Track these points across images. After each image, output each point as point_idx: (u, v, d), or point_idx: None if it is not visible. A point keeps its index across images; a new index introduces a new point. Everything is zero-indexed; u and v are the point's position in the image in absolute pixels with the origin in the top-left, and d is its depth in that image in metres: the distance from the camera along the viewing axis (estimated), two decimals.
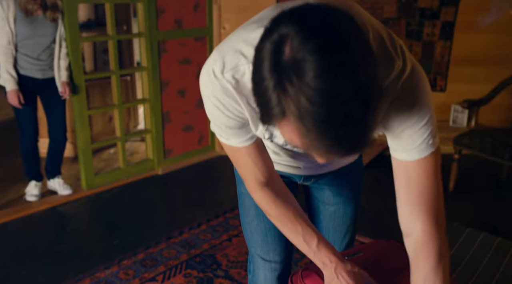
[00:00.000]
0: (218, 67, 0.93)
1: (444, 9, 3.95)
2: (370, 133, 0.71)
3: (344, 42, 0.68)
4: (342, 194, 1.46)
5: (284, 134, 0.77)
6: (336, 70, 0.66)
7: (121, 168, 3.60)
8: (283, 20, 0.71)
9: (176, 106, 3.81)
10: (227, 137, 1.05)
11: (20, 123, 3.11)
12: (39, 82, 3.02)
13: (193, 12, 3.72)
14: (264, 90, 0.71)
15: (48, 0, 2.92)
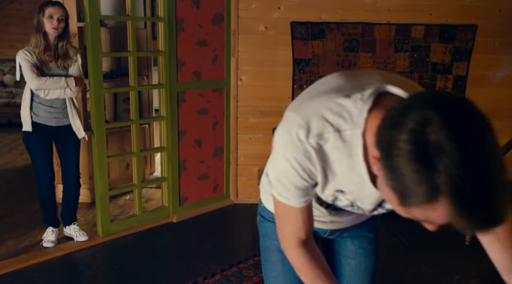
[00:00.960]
0: (303, 132, 0.99)
1: (456, 64, 4.05)
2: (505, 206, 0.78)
3: (483, 123, 0.77)
4: (364, 247, 1.49)
5: (415, 213, 0.81)
6: (486, 151, 0.73)
7: (137, 215, 3.64)
8: (413, 106, 0.77)
9: (192, 154, 3.89)
10: (289, 196, 1.09)
11: (36, 169, 3.19)
12: (53, 129, 3.12)
13: (211, 64, 3.86)
14: (408, 177, 0.75)
15: (60, 50, 3.07)
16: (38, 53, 2.99)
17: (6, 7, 7.86)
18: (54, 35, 3.00)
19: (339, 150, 1.00)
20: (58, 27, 2.98)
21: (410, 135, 0.75)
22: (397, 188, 0.80)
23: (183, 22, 3.59)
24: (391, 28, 3.98)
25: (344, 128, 0.98)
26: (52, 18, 2.96)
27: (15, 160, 5.44)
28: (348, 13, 3.95)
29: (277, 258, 1.40)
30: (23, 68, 2.98)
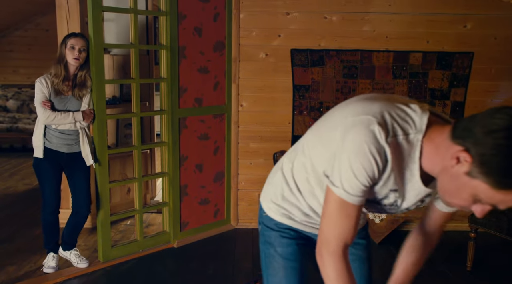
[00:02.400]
0: (383, 132, 1.14)
1: (453, 90, 4.11)
2: None
3: None
4: (358, 254, 1.61)
5: (494, 197, 1.04)
6: None
7: (137, 241, 3.64)
8: (496, 111, 1.05)
9: (193, 180, 3.91)
10: (355, 193, 1.19)
11: (43, 194, 3.21)
12: (65, 155, 3.16)
13: (212, 90, 3.92)
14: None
15: (78, 79, 3.14)
16: (57, 83, 3.06)
17: (10, 34, 8.01)
18: (75, 65, 3.09)
19: (404, 150, 1.17)
20: (79, 58, 3.07)
21: (507, 132, 1.00)
22: (493, 175, 1.01)
23: (185, 50, 3.66)
24: (389, 55, 4.06)
25: (410, 132, 1.17)
26: (73, 49, 3.05)
27: (16, 185, 5.46)
28: (347, 40, 4.03)
29: (280, 264, 1.51)
30: (35, 99, 3.06)
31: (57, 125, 3.10)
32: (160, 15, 3.53)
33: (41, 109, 3.03)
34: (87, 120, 3.16)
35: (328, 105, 4.11)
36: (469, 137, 1.05)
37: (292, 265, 1.53)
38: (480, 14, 4.01)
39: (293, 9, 4.01)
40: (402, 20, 4.02)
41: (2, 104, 7.67)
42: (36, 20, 7.99)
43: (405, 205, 1.32)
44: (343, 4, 3.99)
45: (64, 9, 3.89)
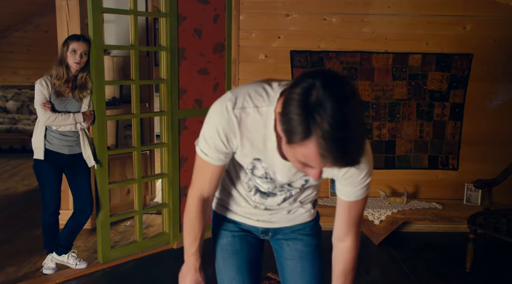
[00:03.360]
0: (230, 104, 1.29)
1: (453, 91, 4.12)
2: (362, 154, 1.09)
3: (352, 92, 1.04)
4: (298, 249, 1.64)
5: (297, 153, 1.09)
6: (349, 109, 1.01)
7: (137, 242, 3.64)
8: (308, 76, 1.07)
9: None
10: (208, 153, 1.39)
11: (43, 196, 3.21)
12: (66, 157, 3.17)
13: (212, 92, 3.92)
14: (294, 119, 1.03)
15: (79, 81, 3.15)
16: (58, 84, 3.06)
17: (10, 35, 8.02)
18: (76, 68, 3.09)
19: (256, 122, 1.29)
20: (80, 62, 3.07)
21: (301, 90, 1.04)
22: (285, 129, 1.07)
23: (185, 51, 3.67)
24: (389, 57, 4.07)
25: (261, 105, 1.28)
26: (75, 53, 3.05)
27: (16, 186, 5.46)
28: (347, 42, 4.04)
29: (218, 254, 1.68)
30: (35, 100, 3.06)
31: (57, 127, 3.10)
32: (160, 17, 3.54)
33: (41, 110, 3.03)
34: (87, 121, 3.16)
35: None
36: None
37: (227, 254, 1.64)
38: (479, 16, 4.03)
39: (292, 11, 4.02)
40: (401, 22, 4.03)
41: (1, 105, 7.68)
42: (36, 21, 8.00)
43: (279, 178, 1.42)
44: (343, 6, 4.00)
45: (64, 10, 3.90)
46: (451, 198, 4.18)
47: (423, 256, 3.70)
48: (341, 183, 1.40)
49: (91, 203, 3.29)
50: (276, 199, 1.54)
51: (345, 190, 1.41)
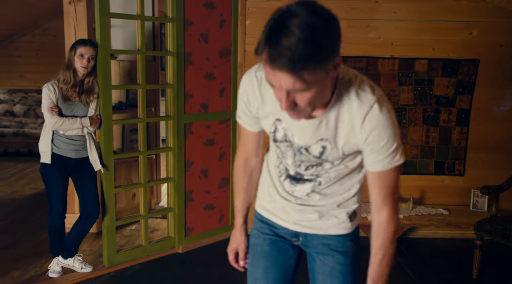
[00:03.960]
0: (254, 68, 1.46)
1: (459, 97, 4.11)
2: (308, 63, 1.11)
3: (311, 11, 1.12)
4: (328, 265, 1.59)
5: (266, 73, 1.18)
6: (295, 18, 1.10)
7: (142, 246, 3.65)
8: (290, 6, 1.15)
9: (198, 185, 3.92)
10: (239, 115, 1.55)
11: (50, 200, 3.23)
12: (73, 161, 3.18)
13: (218, 96, 3.93)
14: (261, 37, 1.14)
15: (85, 85, 3.17)
16: (65, 89, 3.08)
17: (18, 39, 8.08)
18: (83, 73, 3.11)
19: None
20: (88, 66, 3.09)
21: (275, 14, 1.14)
22: (259, 46, 1.16)
23: (191, 56, 3.68)
24: (395, 62, 4.06)
25: None
26: (82, 57, 3.07)
27: (22, 189, 5.49)
28: (353, 47, 4.04)
29: (250, 253, 1.71)
30: (43, 105, 3.08)
31: (64, 131, 3.12)
32: (167, 22, 3.56)
33: (48, 114, 3.05)
34: (94, 125, 3.18)
35: None
36: None
37: (256, 255, 1.66)
38: (485, 22, 4.02)
39: None
40: (407, 27, 4.03)
41: (9, 108, 7.73)
42: (44, 26, 8.06)
43: (297, 140, 1.43)
44: (348, 11, 4.01)
45: (71, 15, 3.93)
46: (457, 204, 4.16)
47: (429, 262, 3.68)
48: (365, 153, 1.38)
49: (98, 207, 3.30)
50: (305, 188, 1.52)
51: (371, 160, 1.37)
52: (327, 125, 1.36)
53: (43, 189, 5.41)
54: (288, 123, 1.41)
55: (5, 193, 5.34)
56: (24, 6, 6.92)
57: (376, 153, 1.34)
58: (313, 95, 1.22)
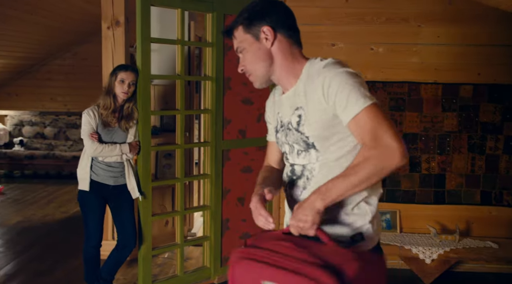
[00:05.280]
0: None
1: (506, 123, 3.93)
2: (239, 21, 1.58)
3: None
4: None
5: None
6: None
7: (178, 276, 3.53)
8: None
9: (235, 213, 3.80)
10: (268, 129, 1.82)
11: (87, 227, 3.15)
12: (111, 188, 3.12)
13: (256, 122, 3.84)
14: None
15: (125, 111, 3.12)
16: (106, 114, 3.03)
17: (50, 63, 8.20)
18: (123, 98, 3.06)
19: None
20: (128, 92, 3.05)
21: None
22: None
23: (230, 81, 3.62)
24: (438, 87, 3.93)
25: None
26: (123, 83, 3.03)
27: (53, 213, 5.45)
28: (394, 72, 3.93)
29: None
30: (83, 131, 3.04)
31: (103, 158, 3.06)
32: (207, 46, 3.51)
33: (88, 141, 3.00)
34: (133, 152, 3.11)
35: None
36: None
37: None
38: None
39: (338, 40, 3.94)
40: (451, 52, 3.90)
41: (40, 131, 7.80)
42: (74, 49, 8.17)
43: (283, 118, 1.63)
44: (390, 35, 3.90)
45: (110, 40, 3.92)
46: (507, 237, 3.94)
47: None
48: (338, 112, 1.43)
49: (135, 236, 3.21)
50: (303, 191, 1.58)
51: (344, 113, 1.41)
52: (299, 95, 1.54)
53: (74, 213, 5.38)
54: (279, 107, 1.66)
55: (37, 216, 5.31)
56: (58, 31, 7.04)
57: (343, 105, 1.40)
58: (248, 58, 1.57)
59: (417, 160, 3.99)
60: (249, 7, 1.57)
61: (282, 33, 1.55)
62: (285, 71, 1.57)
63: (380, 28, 3.90)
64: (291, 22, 1.59)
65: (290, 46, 1.57)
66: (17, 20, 5.94)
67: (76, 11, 6.44)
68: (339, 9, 3.91)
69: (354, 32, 3.92)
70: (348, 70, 1.46)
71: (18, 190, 6.51)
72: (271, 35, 1.53)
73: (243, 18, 1.55)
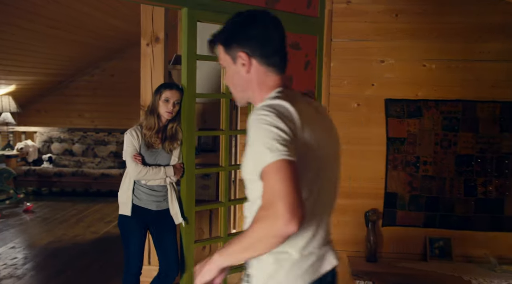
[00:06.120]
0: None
1: None
2: (217, 39, 1.51)
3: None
4: None
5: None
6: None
7: None
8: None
9: None
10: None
11: (127, 254, 2.97)
12: (153, 213, 2.94)
13: None
14: None
15: (169, 131, 2.95)
16: (149, 135, 2.88)
17: (78, 79, 8.17)
18: (167, 118, 2.90)
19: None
20: (173, 111, 2.89)
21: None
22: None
23: None
24: (496, 106, 3.69)
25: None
26: (168, 102, 2.88)
27: (84, 233, 5.30)
28: (448, 90, 3.71)
29: None
30: (125, 152, 2.88)
31: (146, 181, 2.89)
32: None
33: (132, 163, 2.84)
34: (177, 175, 2.94)
35: (426, 160, 3.75)
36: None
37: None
38: None
39: (388, 57, 3.75)
40: (509, 69, 3.67)
41: (68, 147, 7.72)
42: (103, 66, 8.13)
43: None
44: (444, 52, 3.69)
45: (149, 57, 3.79)
46: None
47: None
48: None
49: (178, 264, 3.03)
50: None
51: (255, 163, 1.28)
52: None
53: (103, 234, 5.23)
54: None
55: (67, 236, 5.17)
56: (90, 47, 7.00)
57: (255, 156, 1.28)
58: (228, 78, 1.51)
59: (472, 184, 3.74)
60: (229, 25, 1.48)
61: (258, 60, 1.44)
62: (258, 100, 1.48)
63: (432, 44, 3.70)
64: (271, 48, 1.44)
65: (265, 74, 1.46)
66: (53, 37, 5.90)
67: (111, 29, 6.39)
68: (388, 24, 3.72)
69: (405, 48, 3.72)
70: (269, 118, 1.28)
71: (47, 208, 6.40)
72: (247, 62, 1.44)
73: (221, 38, 1.48)
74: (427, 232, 3.78)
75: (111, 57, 7.96)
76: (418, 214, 3.79)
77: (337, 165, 1.54)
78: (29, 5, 4.76)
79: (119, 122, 7.78)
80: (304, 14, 3.54)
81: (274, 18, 1.47)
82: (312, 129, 1.35)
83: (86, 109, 8.23)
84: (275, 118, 1.28)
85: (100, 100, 8.14)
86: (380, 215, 3.82)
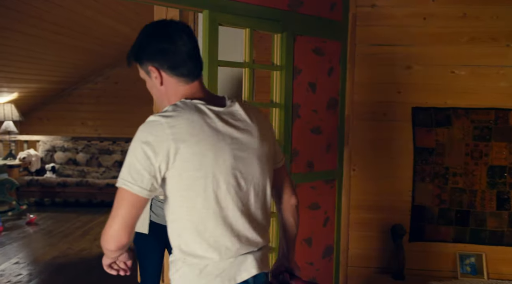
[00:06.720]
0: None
1: None
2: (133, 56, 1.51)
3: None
4: None
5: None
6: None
7: None
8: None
9: (301, 256, 3.36)
10: None
11: (144, 274, 2.77)
12: None
13: (325, 153, 3.46)
14: None
15: None
16: None
17: (82, 87, 7.98)
18: None
19: None
20: None
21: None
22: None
23: (299, 108, 3.24)
24: None
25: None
26: None
27: (90, 247, 5.08)
28: (479, 97, 3.52)
29: None
30: None
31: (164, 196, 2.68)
32: (275, 70, 3.15)
33: None
34: None
35: (455, 171, 3.55)
36: None
37: None
38: None
39: (415, 63, 3.55)
40: None
41: (72, 157, 7.51)
42: (107, 73, 7.95)
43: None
44: (474, 57, 3.51)
45: None
46: None
47: None
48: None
49: None
50: None
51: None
52: None
53: None
54: None
55: (73, 250, 4.95)
56: (95, 54, 6.82)
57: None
58: (150, 90, 1.53)
59: (505, 196, 3.53)
60: (138, 39, 1.49)
61: (167, 73, 1.46)
62: None
63: (462, 49, 3.51)
64: (178, 59, 1.44)
65: (177, 85, 1.47)
66: (57, 43, 5.72)
67: (118, 35, 6.21)
68: (415, 28, 3.54)
69: (433, 54, 3.53)
70: (140, 138, 1.36)
71: (51, 220, 6.18)
72: (158, 75, 1.46)
73: (133, 54, 1.50)
74: (457, 247, 3.58)
75: (115, 65, 7.78)
76: (448, 229, 3.59)
77: (260, 166, 1.53)
78: (31, 9, 4.58)
79: (122, 130, 7.58)
80: (328, 17, 3.36)
81: (182, 27, 1.46)
82: (197, 141, 1.36)
83: (89, 117, 8.04)
84: (147, 137, 1.35)
85: (104, 108, 7.96)
86: (407, 230, 3.61)
